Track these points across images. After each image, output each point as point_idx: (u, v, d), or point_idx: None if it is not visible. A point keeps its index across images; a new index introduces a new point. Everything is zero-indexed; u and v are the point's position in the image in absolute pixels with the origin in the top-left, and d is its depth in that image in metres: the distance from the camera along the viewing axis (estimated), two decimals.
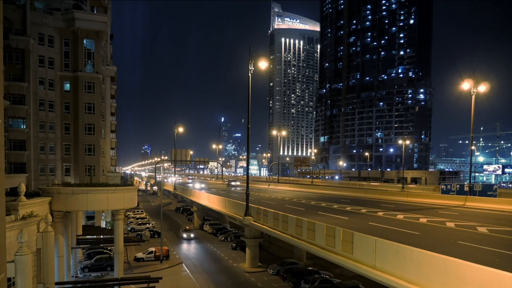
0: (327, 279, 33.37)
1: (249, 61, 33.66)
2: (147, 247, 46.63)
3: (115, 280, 28.44)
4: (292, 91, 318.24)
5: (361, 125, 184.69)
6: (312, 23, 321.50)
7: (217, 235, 58.42)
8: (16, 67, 41.01)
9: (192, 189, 67.49)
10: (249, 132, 34.99)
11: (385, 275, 16.64)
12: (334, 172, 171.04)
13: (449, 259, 13.95)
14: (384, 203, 43.79)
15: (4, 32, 33.12)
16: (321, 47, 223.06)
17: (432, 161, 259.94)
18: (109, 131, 55.06)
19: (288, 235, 27.15)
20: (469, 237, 21.87)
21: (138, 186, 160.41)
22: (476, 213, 33.98)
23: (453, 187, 49.57)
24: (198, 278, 37.30)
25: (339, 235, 20.61)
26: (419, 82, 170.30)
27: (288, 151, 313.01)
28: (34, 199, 24.60)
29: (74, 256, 37.22)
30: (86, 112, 45.07)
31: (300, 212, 34.13)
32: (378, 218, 31.08)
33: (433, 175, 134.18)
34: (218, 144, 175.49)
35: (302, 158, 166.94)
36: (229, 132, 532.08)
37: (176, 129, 76.81)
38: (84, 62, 45.11)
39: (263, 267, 40.08)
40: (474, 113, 41.34)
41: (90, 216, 50.40)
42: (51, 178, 40.82)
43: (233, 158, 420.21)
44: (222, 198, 46.17)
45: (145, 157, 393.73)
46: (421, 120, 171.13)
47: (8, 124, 40.05)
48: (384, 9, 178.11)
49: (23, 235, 18.20)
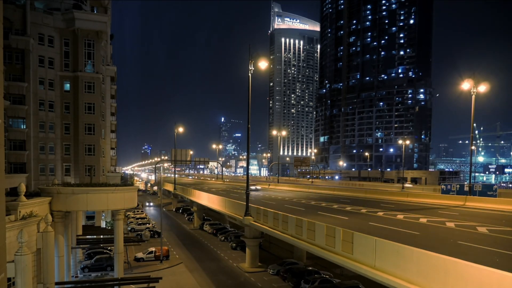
0: (327, 279, 33.37)
1: (249, 61, 33.68)
2: (147, 247, 46.66)
3: (115, 280, 28.46)
4: (292, 91, 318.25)
5: (361, 125, 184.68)
6: (312, 23, 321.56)
7: (217, 235, 58.41)
8: (16, 67, 41.00)
9: (192, 189, 67.42)
10: (249, 132, 35.00)
11: (385, 275, 16.65)
12: (334, 172, 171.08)
13: (449, 259, 13.95)
14: (384, 203, 43.79)
15: (4, 32, 33.06)
16: (321, 47, 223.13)
17: (432, 161, 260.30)
18: (109, 131, 55.07)
19: (288, 235, 27.14)
20: (469, 237, 21.87)
21: (138, 186, 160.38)
22: (476, 213, 33.98)
23: (453, 187, 49.55)
24: (198, 278, 37.33)
25: (339, 235, 20.62)
26: (419, 82, 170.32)
27: (288, 151, 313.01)
28: (34, 199, 24.63)
29: (74, 256, 37.23)
30: (86, 112, 45.07)
31: (300, 212, 34.14)
32: (378, 218, 31.08)
33: (433, 175, 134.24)
34: (218, 144, 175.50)
35: (302, 158, 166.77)
36: (229, 132, 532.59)
37: (176, 129, 76.85)
38: (84, 62, 45.10)
39: (263, 267, 40.07)
40: (474, 113, 41.36)
41: (90, 216, 50.42)
42: (51, 178, 40.82)
43: (233, 158, 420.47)
44: (222, 198, 46.16)
45: (145, 157, 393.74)
46: (421, 120, 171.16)
47: (8, 124, 40.04)
48: (384, 9, 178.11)
49: (23, 235, 18.21)
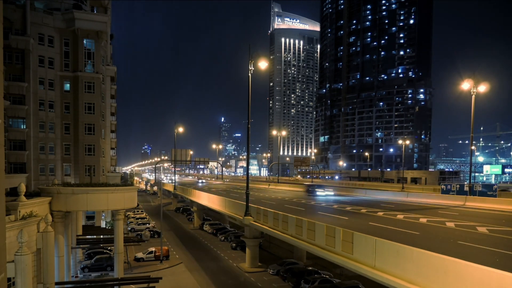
0: (327, 279, 33.36)
1: (249, 61, 33.67)
2: (147, 247, 46.66)
3: (115, 280, 28.45)
4: (292, 91, 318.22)
5: (361, 125, 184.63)
6: (312, 23, 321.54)
7: (217, 235, 58.40)
8: (16, 67, 41.00)
9: (192, 189, 67.42)
10: (249, 132, 35.01)
11: (385, 275, 16.64)
12: (334, 172, 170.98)
13: (449, 259, 13.95)
14: (384, 203, 43.80)
15: (4, 32, 33.04)
16: (321, 47, 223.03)
17: (432, 161, 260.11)
18: (109, 131, 55.05)
19: (288, 235, 27.13)
20: (469, 237, 21.88)
21: (138, 186, 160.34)
22: (476, 213, 33.99)
23: (453, 187, 49.52)
24: (198, 278, 37.32)
25: (339, 235, 20.61)
26: (419, 82, 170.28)
27: (288, 151, 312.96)
28: (34, 199, 24.62)
29: (74, 256, 37.22)
30: (86, 112, 45.06)
31: (300, 212, 34.18)
32: (378, 218, 31.09)
33: (433, 175, 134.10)
34: (218, 144, 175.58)
35: (302, 158, 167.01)
36: (229, 132, 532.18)
37: (176, 129, 76.85)
38: (84, 62, 45.09)
39: (263, 267, 40.07)
40: (474, 113, 41.37)
41: (90, 216, 50.39)
42: (51, 178, 40.84)
43: (233, 158, 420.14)
44: (222, 198, 46.15)
45: (145, 157, 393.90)
46: (421, 120, 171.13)
47: (8, 124, 40.04)
48: (384, 9, 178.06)
49: (23, 235, 18.20)
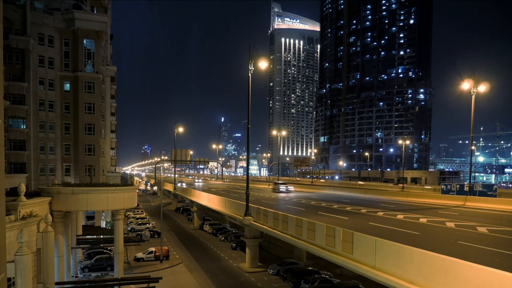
0: (327, 279, 33.37)
1: (249, 61, 33.66)
2: (147, 247, 46.65)
3: (115, 280, 28.45)
4: (292, 91, 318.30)
5: (361, 125, 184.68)
6: (312, 23, 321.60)
7: (217, 235, 58.40)
8: (16, 67, 40.98)
9: (192, 189, 67.43)
10: (249, 132, 35.00)
11: (385, 275, 16.63)
12: (334, 172, 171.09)
13: (449, 259, 13.95)
14: (384, 203, 43.79)
15: (4, 32, 33.10)
16: (321, 47, 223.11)
17: (432, 161, 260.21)
18: (109, 131, 55.04)
19: (288, 235, 27.12)
20: (469, 237, 21.87)
21: (138, 186, 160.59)
22: (476, 213, 33.98)
23: (453, 187, 49.55)
24: (198, 278, 37.32)
25: (339, 235, 20.60)
26: (419, 82, 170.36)
27: (288, 151, 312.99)
28: (34, 199, 24.63)
29: (74, 256, 37.22)
30: (86, 112, 45.06)
31: (300, 212, 34.18)
32: (378, 218, 31.08)
33: (433, 175, 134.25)
34: (218, 144, 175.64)
35: (302, 158, 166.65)
36: (229, 132, 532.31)
37: (176, 129, 76.80)
38: (84, 62, 45.08)
39: (263, 267, 40.06)
40: (474, 113, 41.36)
41: (90, 216, 50.41)
42: (51, 178, 40.83)
43: (233, 158, 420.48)
44: (222, 198, 46.14)
45: (145, 157, 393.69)
46: (421, 120, 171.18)
47: (8, 124, 40.04)
48: (384, 9, 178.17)
49: (23, 235, 18.20)
